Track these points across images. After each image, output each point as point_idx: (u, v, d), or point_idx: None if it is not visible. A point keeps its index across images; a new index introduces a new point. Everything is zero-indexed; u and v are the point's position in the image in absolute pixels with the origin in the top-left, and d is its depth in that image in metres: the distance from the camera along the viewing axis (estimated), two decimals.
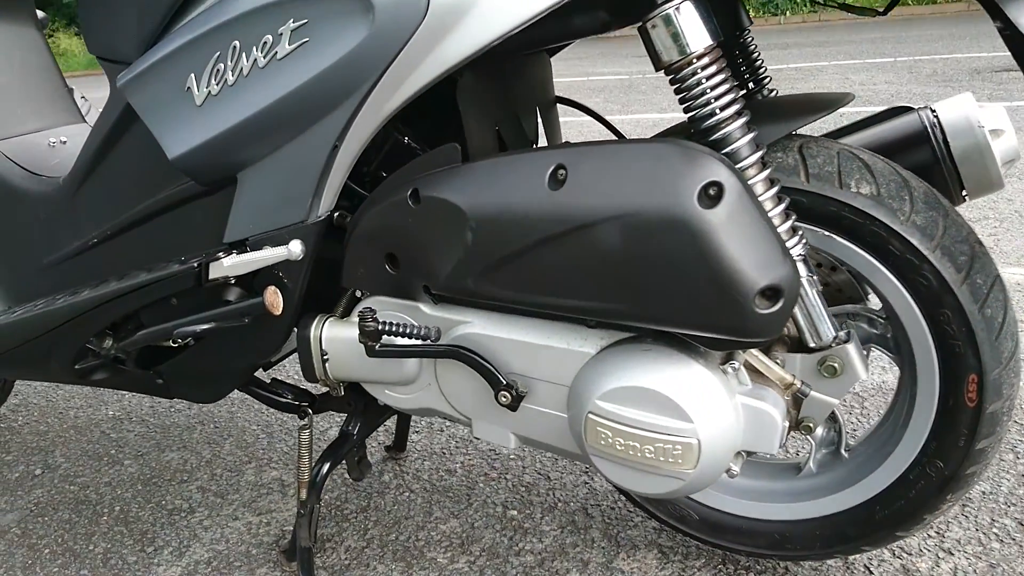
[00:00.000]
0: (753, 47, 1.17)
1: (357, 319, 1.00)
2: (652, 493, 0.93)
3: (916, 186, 0.95)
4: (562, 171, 0.85)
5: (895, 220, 0.93)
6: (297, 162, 0.98)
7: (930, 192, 0.96)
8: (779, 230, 0.89)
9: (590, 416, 0.92)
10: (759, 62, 1.17)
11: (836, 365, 0.94)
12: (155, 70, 1.00)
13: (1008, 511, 1.30)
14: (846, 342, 0.94)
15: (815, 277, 0.93)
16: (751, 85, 1.18)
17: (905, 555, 1.22)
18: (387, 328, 0.97)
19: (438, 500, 1.47)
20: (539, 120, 1.23)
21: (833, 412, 1.12)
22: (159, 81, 1.00)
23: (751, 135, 0.89)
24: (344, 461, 1.38)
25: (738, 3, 1.14)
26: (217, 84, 0.97)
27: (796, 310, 0.93)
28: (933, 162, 1.12)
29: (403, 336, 0.97)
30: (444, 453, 1.62)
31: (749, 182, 0.88)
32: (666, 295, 0.81)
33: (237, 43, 0.94)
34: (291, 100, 0.94)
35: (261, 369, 1.37)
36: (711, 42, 0.87)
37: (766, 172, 0.90)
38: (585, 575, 1.24)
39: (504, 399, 0.98)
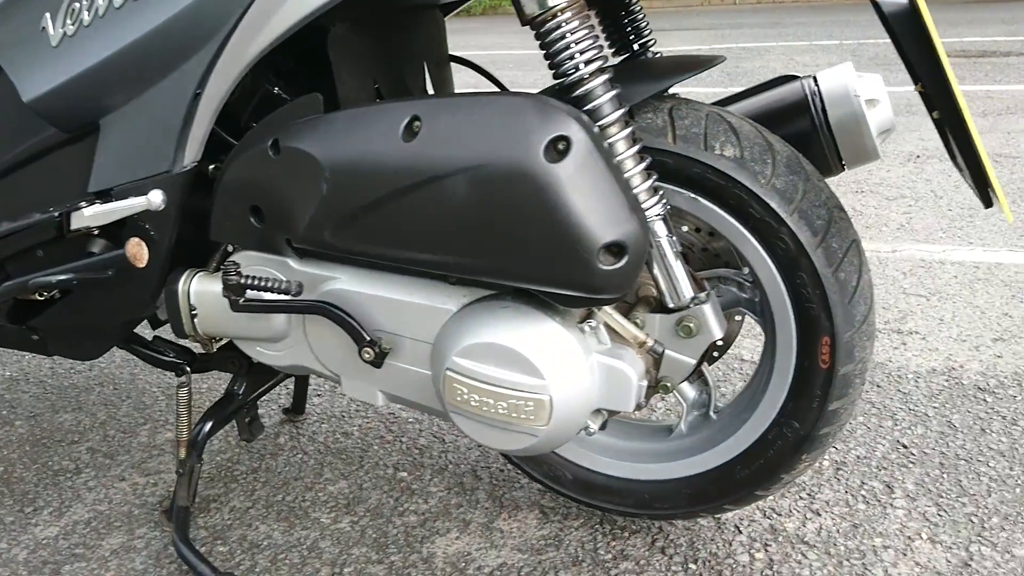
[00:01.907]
0: (638, 9, 1.17)
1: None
2: (508, 449, 0.94)
3: (780, 150, 0.97)
4: (417, 123, 0.84)
5: (756, 183, 0.94)
6: (159, 109, 0.96)
7: (793, 157, 0.97)
8: (638, 189, 0.90)
9: (447, 372, 0.92)
10: (645, 25, 1.17)
11: (692, 325, 0.95)
12: (8, 8, 0.96)
13: (878, 475, 1.34)
14: (703, 303, 0.95)
15: (674, 237, 0.94)
16: (636, 47, 1.18)
17: (775, 515, 1.25)
18: (250, 282, 0.96)
19: (330, 462, 1.46)
20: (428, 78, 1.21)
21: (703, 374, 1.14)
22: (13, 20, 0.97)
23: (613, 92, 0.89)
24: (235, 422, 1.37)
25: None
26: (73, 24, 0.94)
27: (656, 270, 0.94)
28: (812, 130, 1.14)
29: (265, 290, 0.96)
30: (343, 416, 1.61)
31: (610, 140, 0.88)
32: (512, 249, 0.81)
33: None
34: (147, 43, 0.91)
35: (151, 327, 1.34)
36: None
37: (628, 130, 0.90)
38: (465, 535, 1.25)
39: (367, 355, 0.97)
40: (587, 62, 0.88)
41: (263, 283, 0.95)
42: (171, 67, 0.92)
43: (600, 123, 0.88)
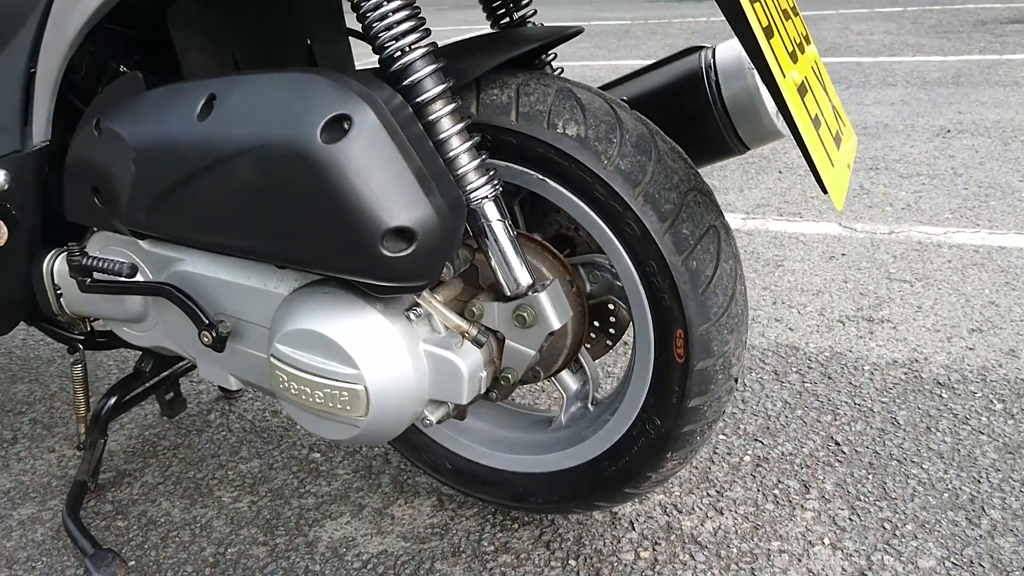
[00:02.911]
0: None
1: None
2: (335, 439, 0.91)
3: (631, 128, 0.90)
4: (214, 101, 0.81)
5: (598, 164, 0.88)
6: None
7: (646, 135, 0.90)
8: (464, 169, 0.85)
9: (271, 358, 0.89)
10: None
11: (526, 315, 0.89)
12: None
13: (799, 473, 1.26)
14: (539, 292, 0.89)
15: (509, 222, 0.89)
16: (515, 17, 1.11)
17: (675, 512, 1.19)
18: (91, 263, 0.95)
19: (251, 440, 1.46)
20: (314, 54, 1.18)
21: (583, 365, 1.09)
22: None
23: (432, 67, 0.84)
24: (156, 398, 1.38)
25: None
26: None
27: (491, 256, 0.89)
28: (707, 107, 1.06)
29: (103, 271, 0.95)
30: None
31: (430, 117, 0.83)
32: (297, 234, 0.77)
33: None
34: None
35: None
36: None
37: (450, 107, 0.84)
38: (356, 519, 1.23)
39: (205, 339, 0.95)
40: (403, 34, 0.83)
41: (102, 264, 0.95)
42: (0, 46, 0.91)
43: (418, 100, 0.83)
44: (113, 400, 1.25)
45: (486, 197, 0.86)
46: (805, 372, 1.54)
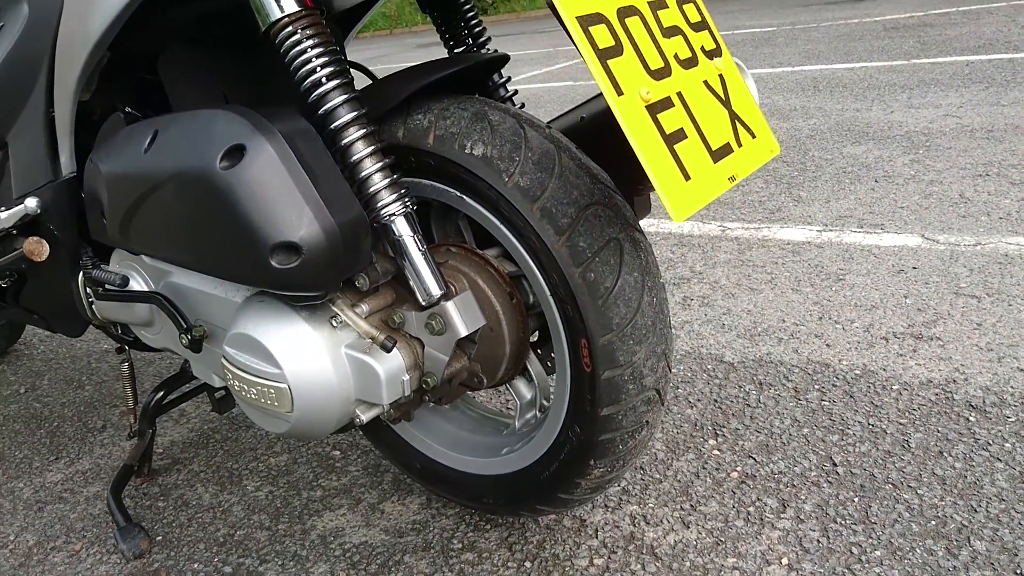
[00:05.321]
0: (469, 7, 1.17)
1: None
2: (273, 431, 1.01)
3: (536, 146, 0.94)
4: (156, 136, 0.94)
5: (499, 181, 0.93)
6: (31, 128, 1.14)
7: (551, 152, 0.94)
8: (374, 188, 0.93)
9: (222, 359, 1.01)
10: (476, 23, 1.17)
11: (434, 323, 0.96)
12: None
13: (781, 492, 1.22)
14: (447, 300, 0.95)
15: (419, 236, 0.95)
16: (469, 41, 1.18)
17: (643, 523, 1.20)
18: (96, 275, 1.12)
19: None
20: None
21: (528, 370, 1.13)
22: None
23: (343, 98, 0.92)
24: (208, 395, 1.55)
25: None
26: None
27: (404, 268, 0.96)
28: None
29: (106, 282, 1.11)
30: None
31: (344, 142, 0.92)
32: (208, 248, 0.89)
33: None
34: (6, 71, 1.10)
35: None
36: (296, 8, 0.91)
37: (361, 132, 0.93)
38: (351, 512, 1.34)
39: (184, 342, 1.09)
40: (318, 68, 0.92)
41: (102, 276, 1.11)
42: (27, 92, 1.10)
43: (332, 127, 0.92)
44: (160, 395, 1.42)
45: (395, 214, 0.94)
46: (827, 390, 1.48)
